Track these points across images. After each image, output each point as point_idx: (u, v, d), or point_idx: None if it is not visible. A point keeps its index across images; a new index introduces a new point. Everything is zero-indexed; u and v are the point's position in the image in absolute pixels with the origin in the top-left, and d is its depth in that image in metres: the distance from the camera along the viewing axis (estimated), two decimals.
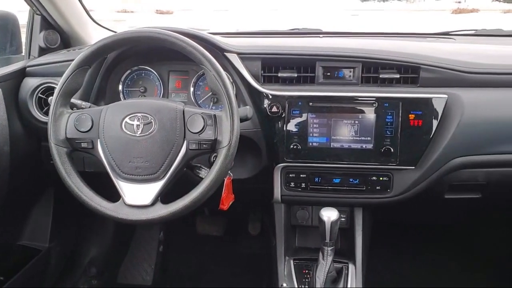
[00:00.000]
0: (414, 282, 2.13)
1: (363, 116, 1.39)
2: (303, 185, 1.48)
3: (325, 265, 1.37)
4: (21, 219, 1.82)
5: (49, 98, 1.26)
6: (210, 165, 1.18)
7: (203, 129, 1.16)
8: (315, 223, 1.56)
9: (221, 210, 1.32)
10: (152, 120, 1.17)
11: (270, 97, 1.41)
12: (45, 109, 1.53)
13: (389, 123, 1.38)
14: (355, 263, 1.51)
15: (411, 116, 1.37)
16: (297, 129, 1.41)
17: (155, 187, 1.15)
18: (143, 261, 2.28)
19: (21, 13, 1.75)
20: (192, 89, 1.53)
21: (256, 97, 1.43)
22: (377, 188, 1.45)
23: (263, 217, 2.31)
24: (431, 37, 1.89)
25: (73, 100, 1.27)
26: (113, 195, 1.18)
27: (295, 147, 1.42)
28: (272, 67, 1.45)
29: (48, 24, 1.70)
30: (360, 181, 1.45)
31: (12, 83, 1.53)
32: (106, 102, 1.51)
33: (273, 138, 1.44)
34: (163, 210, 1.14)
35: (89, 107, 1.29)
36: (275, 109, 1.40)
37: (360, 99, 1.39)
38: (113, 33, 1.27)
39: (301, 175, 1.47)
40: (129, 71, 1.55)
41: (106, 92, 1.53)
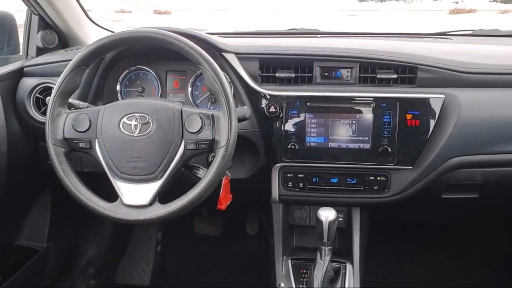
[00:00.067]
0: (411, 281, 2.13)
1: (361, 116, 1.39)
2: (301, 185, 1.48)
3: (322, 265, 1.37)
4: (19, 219, 1.82)
5: (47, 98, 1.26)
6: (208, 165, 1.18)
7: (201, 129, 1.16)
8: (313, 223, 1.57)
9: (219, 210, 1.32)
10: (150, 120, 1.17)
11: (268, 97, 1.41)
12: (43, 109, 1.53)
13: (386, 123, 1.38)
14: (352, 263, 1.51)
15: (409, 116, 1.37)
16: (295, 129, 1.42)
17: (153, 187, 1.15)
18: (141, 261, 2.28)
19: (19, 13, 1.74)
20: (190, 89, 1.53)
21: (254, 97, 1.44)
22: (375, 188, 1.45)
23: (261, 217, 2.31)
24: (429, 37, 1.90)
25: (71, 100, 1.27)
26: (111, 195, 1.18)
27: (293, 147, 1.42)
28: (270, 67, 1.45)
29: (45, 24, 1.69)
30: (357, 181, 1.45)
31: (9, 83, 1.53)
32: (104, 102, 1.51)
33: (271, 138, 1.44)
34: (161, 210, 1.14)
35: (87, 107, 1.29)
36: (273, 109, 1.41)
37: (357, 99, 1.39)
38: (111, 33, 1.27)
39: (299, 175, 1.48)
40: (127, 71, 1.55)
41: (104, 92, 1.53)
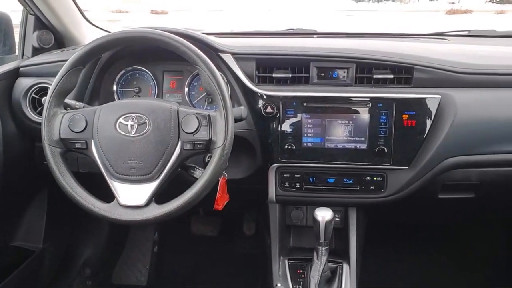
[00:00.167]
0: (408, 282, 2.14)
1: (357, 116, 1.39)
2: (298, 185, 1.48)
3: (319, 265, 1.37)
4: (15, 220, 1.81)
5: (43, 98, 1.25)
6: (204, 166, 1.18)
7: (197, 129, 1.16)
8: (309, 223, 1.56)
9: (216, 210, 1.32)
10: (146, 120, 1.16)
11: (264, 97, 1.41)
12: (39, 109, 1.52)
13: (382, 123, 1.38)
14: (349, 263, 1.51)
15: (405, 116, 1.38)
16: (291, 129, 1.42)
17: (150, 188, 1.15)
18: (137, 261, 2.28)
19: (15, 12, 1.74)
20: (186, 89, 1.53)
21: (250, 97, 1.44)
22: (371, 188, 1.45)
23: (258, 217, 2.31)
24: (425, 38, 1.90)
25: (67, 100, 1.26)
26: (108, 196, 1.18)
27: (289, 147, 1.42)
28: (266, 67, 1.45)
29: (41, 24, 1.69)
30: (354, 181, 1.46)
31: (5, 83, 1.52)
32: (100, 102, 1.50)
33: (267, 138, 1.44)
34: (157, 210, 1.14)
35: (83, 107, 1.28)
36: (269, 109, 1.41)
37: (354, 99, 1.39)
38: (107, 33, 1.27)
39: (296, 175, 1.48)
40: (123, 71, 1.55)
41: (100, 92, 1.52)
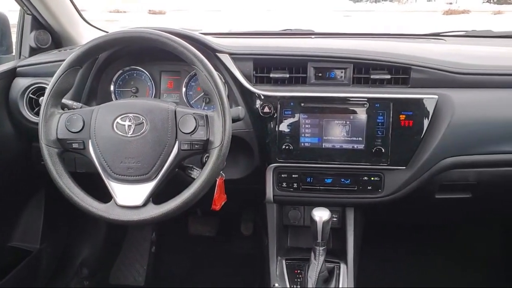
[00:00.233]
0: (405, 282, 2.14)
1: (355, 116, 1.40)
2: (295, 185, 1.48)
3: (317, 265, 1.37)
4: (12, 220, 1.81)
5: (40, 98, 1.26)
6: (202, 166, 1.18)
7: (195, 129, 1.16)
8: (307, 223, 1.57)
9: (214, 210, 1.32)
10: (143, 120, 1.16)
11: (262, 97, 1.42)
12: (36, 109, 1.52)
13: (380, 124, 1.38)
14: (346, 263, 1.51)
15: (402, 116, 1.38)
16: (289, 130, 1.42)
17: (147, 188, 1.15)
18: (135, 261, 2.28)
19: (12, 12, 1.74)
20: (184, 89, 1.53)
21: (248, 97, 1.44)
22: (369, 188, 1.45)
23: (256, 217, 2.31)
24: (422, 38, 1.91)
25: (64, 100, 1.26)
26: (105, 196, 1.18)
27: (287, 147, 1.42)
28: (264, 67, 1.45)
29: (39, 24, 1.69)
30: (351, 181, 1.46)
31: (2, 83, 1.52)
32: (97, 102, 1.50)
33: (265, 138, 1.44)
34: (154, 210, 1.14)
35: (80, 108, 1.28)
36: (267, 110, 1.41)
37: (351, 99, 1.40)
38: (104, 33, 1.27)
39: (293, 175, 1.48)
40: (120, 71, 1.54)
41: (97, 92, 1.52)
